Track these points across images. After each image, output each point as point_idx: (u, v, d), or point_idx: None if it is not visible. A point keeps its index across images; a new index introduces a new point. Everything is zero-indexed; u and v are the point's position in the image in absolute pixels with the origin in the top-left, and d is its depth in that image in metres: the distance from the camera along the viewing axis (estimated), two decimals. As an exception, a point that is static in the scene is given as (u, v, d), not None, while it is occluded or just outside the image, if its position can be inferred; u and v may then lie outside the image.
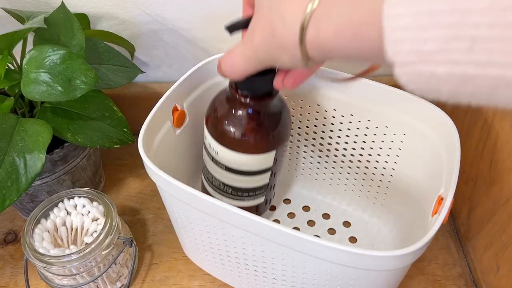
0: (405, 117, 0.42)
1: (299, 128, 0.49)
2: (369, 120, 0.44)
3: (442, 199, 0.34)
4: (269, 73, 0.33)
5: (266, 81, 0.34)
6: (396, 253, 0.29)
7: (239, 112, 0.39)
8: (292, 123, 0.49)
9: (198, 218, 0.37)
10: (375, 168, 0.47)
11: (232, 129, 0.39)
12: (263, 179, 0.43)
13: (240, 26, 0.33)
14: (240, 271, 0.41)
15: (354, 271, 0.32)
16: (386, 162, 0.46)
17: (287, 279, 0.38)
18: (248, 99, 0.37)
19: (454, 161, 0.35)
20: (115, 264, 0.44)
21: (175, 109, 0.43)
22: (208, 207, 0.34)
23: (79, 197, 0.45)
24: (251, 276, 0.41)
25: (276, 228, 0.31)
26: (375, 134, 0.45)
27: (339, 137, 0.47)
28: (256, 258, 0.37)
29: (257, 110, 0.39)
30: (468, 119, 0.49)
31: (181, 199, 0.36)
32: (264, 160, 0.41)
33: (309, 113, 0.47)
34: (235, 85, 0.38)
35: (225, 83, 0.39)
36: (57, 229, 0.45)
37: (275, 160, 0.42)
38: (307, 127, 0.49)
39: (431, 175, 0.40)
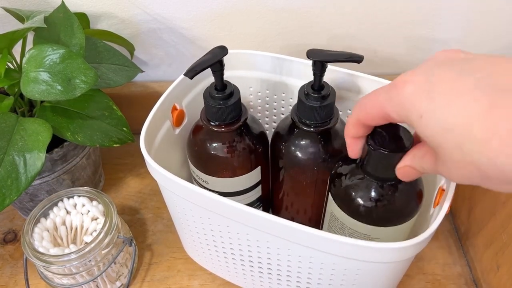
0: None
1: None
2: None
3: (443, 190, 0.34)
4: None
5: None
6: (403, 245, 0.29)
7: (222, 142, 0.40)
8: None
9: (202, 216, 0.37)
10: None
11: (219, 159, 0.40)
12: (257, 193, 0.45)
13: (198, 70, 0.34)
14: (245, 269, 0.41)
15: (361, 265, 0.32)
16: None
17: (292, 275, 0.38)
18: (223, 127, 0.38)
19: None
20: (115, 264, 0.44)
21: (174, 109, 0.43)
22: (212, 205, 0.34)
23: (79, 196, 0.45)
24: (255, 273, 0.41)
25: (282, 223, 0.31)
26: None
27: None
28: (261, 254, 0.37)
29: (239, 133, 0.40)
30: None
31: (185, 198, 0.36)
32: (254, 175, 0.42)
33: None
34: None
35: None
36: (56, 228, 0.45)
37: (263, 172, 0.43)
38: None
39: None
